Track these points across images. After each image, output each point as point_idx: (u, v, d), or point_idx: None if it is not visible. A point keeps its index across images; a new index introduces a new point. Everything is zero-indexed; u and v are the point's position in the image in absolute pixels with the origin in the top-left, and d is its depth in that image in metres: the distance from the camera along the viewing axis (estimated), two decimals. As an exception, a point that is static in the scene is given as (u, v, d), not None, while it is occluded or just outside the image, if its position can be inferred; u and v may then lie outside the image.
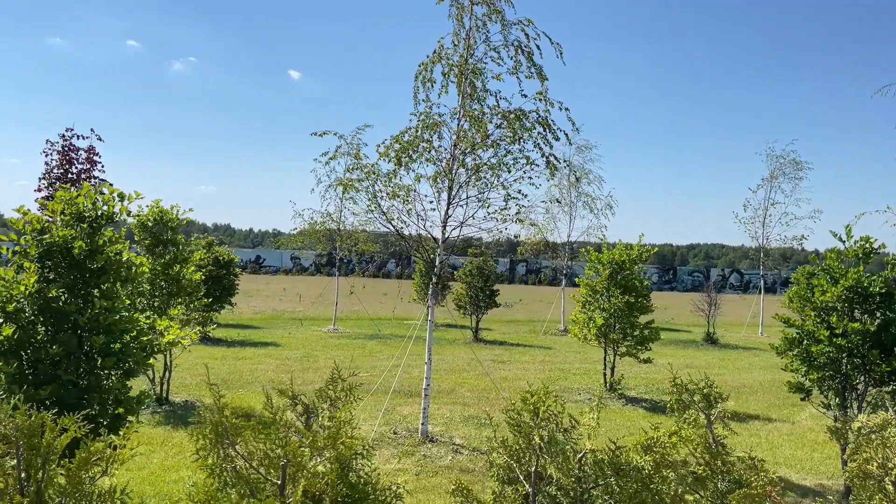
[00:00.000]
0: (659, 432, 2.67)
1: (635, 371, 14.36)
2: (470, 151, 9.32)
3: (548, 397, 2.77)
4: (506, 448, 2.93)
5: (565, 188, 24.48)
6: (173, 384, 11.41)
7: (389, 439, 8.97)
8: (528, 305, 35.26)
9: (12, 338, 5.13)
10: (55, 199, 5.79)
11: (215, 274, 18.09)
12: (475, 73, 9.28)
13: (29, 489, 2.50)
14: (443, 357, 16.11)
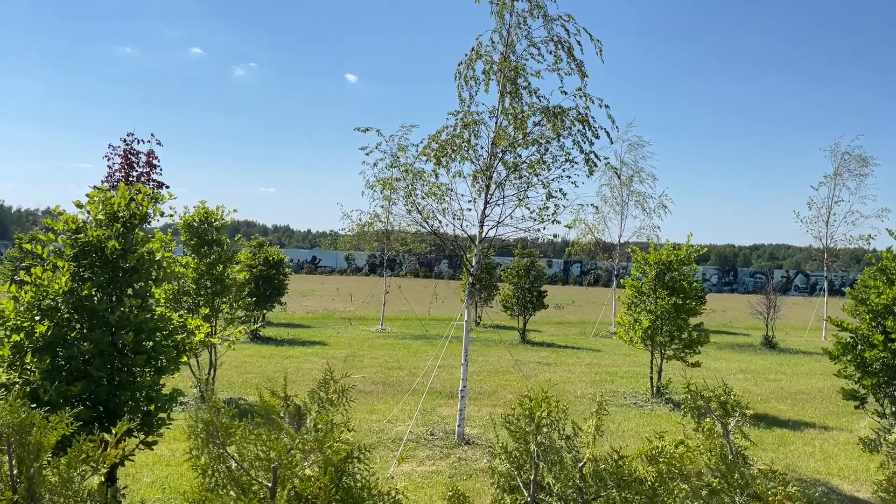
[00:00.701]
0: (664, 441, 2.49)
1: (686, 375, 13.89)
2: (508, 150, 9.18)
3: (547, 402, 2.63)
4: (507, 455, 2.80)
5: (616, 187, 23.96)
6: (219, 382, 11.64)
7: (426, 440, 8.90)
8: (580, 307, 34.71)
9: (47, 335, 5.26)
10: (90, 200, 5.94)
11: (265, 274, 18.42)
12: (516, 70, 9.13)
13: (20, 486, 2.52)
14: (487, 358, 15.97)
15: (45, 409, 5.13)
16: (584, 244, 23.94)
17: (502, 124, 9.19)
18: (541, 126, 8.86)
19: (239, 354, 14.76)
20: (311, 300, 31.89)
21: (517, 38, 9.20)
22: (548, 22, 8.94)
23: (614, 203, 23.88)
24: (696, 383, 2.89)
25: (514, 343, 19.22)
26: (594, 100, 8.60)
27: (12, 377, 5.33)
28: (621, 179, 23.94)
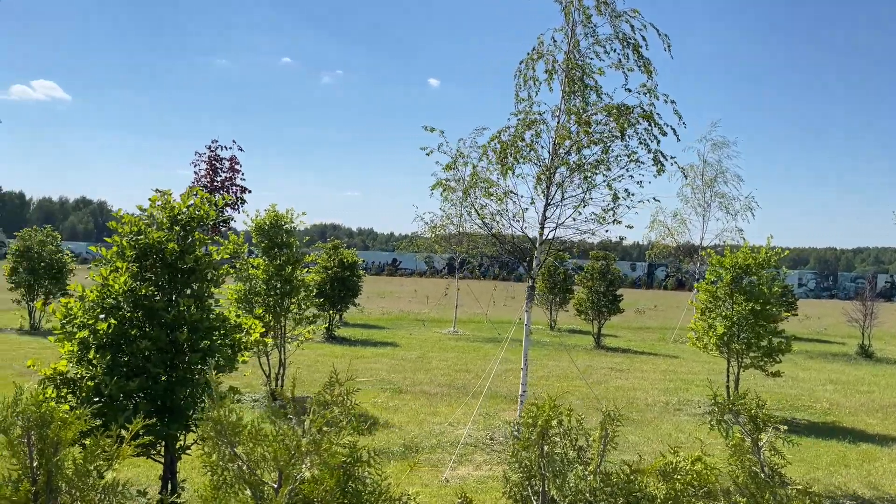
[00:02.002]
0: (678, 457, 2.31)
1: (767, 385, 13.15)
2: (571, 149, 8.97)
3: (555, 410, 2.50)
4: (520, 464, 2.68)
5: (698, 188, 23.03)
6: (288, 380, 11.94)
7: (485, 445, 8.80)
8: (662, 311, 33.60)
9: (108, 332, 5.53)
10: (151, 203, 6.20)
11: (340, 275, 18.80)
12: (580, 68, 8.92)
13: (39, 477, 2.62)
14: (558, 363, 15.68)
15: (106, 403, 5.41)
16: (664, 247, 23.13)
17: (565, 124, 8.99)
18: (604, 125, 8.61)
19: (312, 353, 15.12)
20: (388, 301, 32.34)
21: (582, 36, 8.99)
22: (614, 19, 8.69)
23: (696, 204, 22.96)
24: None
25: (588, 348, 18.80)
26: (659, 96, 8.28)
27: (80, 372, 5.64)
28: (704, 180, 23.01)
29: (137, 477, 6.97)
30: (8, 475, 2.59)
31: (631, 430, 9.84)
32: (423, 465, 7.93)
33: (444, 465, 7.91)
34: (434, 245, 21.41)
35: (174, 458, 5.93)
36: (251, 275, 10.81)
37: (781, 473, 2.61)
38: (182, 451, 5.86)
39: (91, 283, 5.94)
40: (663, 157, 8.49)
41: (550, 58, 9.02)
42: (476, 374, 13.52)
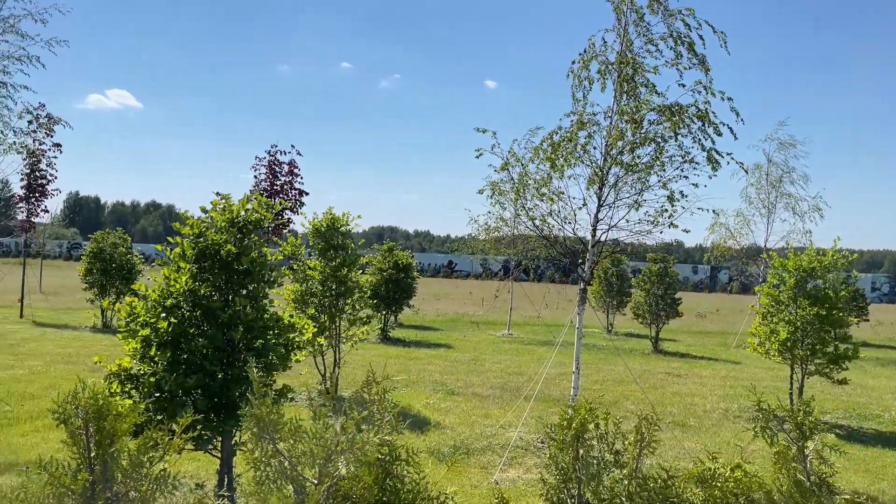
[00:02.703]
0: (717, 463, 2.26)
1: (834, 392, 12.62)
2: (624, 150, 8.84)
3: (592, 413, 2.48)
4: (556, 466, 2.68)
5: (763, 188, 22.28)
6: (344, 380, 12.16)
7: (535, 448, 8.75)
8: (724, 316, 32.65)
9: (169, 330, 5.76)
10: (213, 206, 6.42)
11: (395, 277, 19.00)
12: (633, 68, 8.80)
13: (96, 467, 2.77)
14: (613, 367, 15.44)
15: (166, 399, 5.64)
16: (725, 249, 22.46)
17: (617, 123, 8.88)
18: (657, 124, 8.46)
19: (366, 354, 15.33)
20: (443, 303, 32.48)
21: (635, 36, 8.87)
22: (667, 17, 8.54)
23: (760, 205, 22.21)
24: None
25: (645, 352, 18.43)
26: (715, 93, 8.07)
27: (142, 368, 5.90)
28: (769, 180, 22.25)
29: (197, 471, 7.22)
30: (67, 464, 2.74)
31: (688, 437, 9.61)
32: (474, 467, 7.95)
33: (494, 467, 7.91)
34: (487, 247, 21.38)
35: (230, 453, 6.13)
36: (308, 276, 11.06)
37: (829, 482, 2.52)
38: (237, 447, 6.05)
39: (154, 283, 6.21)
40: (718, 154, 8.28)
41: (603, 58, 8.93)
42: (529, 377, 13.44)
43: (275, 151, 22.67)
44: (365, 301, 11.51)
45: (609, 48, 8.89)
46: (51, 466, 2.77)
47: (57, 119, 20.22)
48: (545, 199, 8.86)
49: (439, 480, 7.23)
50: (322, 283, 11.06)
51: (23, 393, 10.55)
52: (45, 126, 19.65)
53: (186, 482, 6.57)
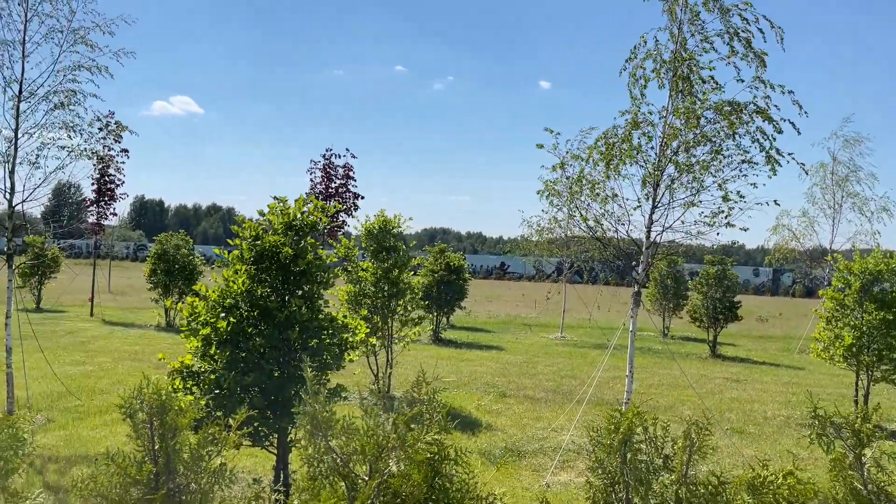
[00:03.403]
0: (768, 471, 2.22)
1: None
2: (679, 150, 8.69)
3: (639, 416, 2.47)
4: (603, 469, 2.67)
5: (827, 188, 21.47)
6: (396, 380, 12.29)
7: (588, 451, 8.66)
8: (787, 320, 31.57)
9: (227, 329, 5.96)
10: (270, 210, 6.61)
11: (446, 278, 19.09)
12: (688, 66, 8.65)
13: (160, 459, 2.90)
14: (669, 371, 15.14)
15: (224, 395, 5.83)
16: (788, 251, 21.73)
17: (673, 123, 8.73)
18: (714, 123, 8.28)
19: (419, 355, 15.46)
20: (496, 305, 32.43)
21: (689, 34, 8.71)
22: (723, 14, 8.35)
23: (825, 205, 21.41)
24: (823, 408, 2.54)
25: (703, 357, 18.00)
26: (775, 87, 7.84)
27: (203, 366, 6.12)
28: (833, 179, 21.43)
29: (254, 466, 7.44)
30: (133, 456, 2.89)
31: (747, 444, 9.37)
32: (525, 469, 7.94)
33: (545, 470, 7.88)
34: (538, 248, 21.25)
35: (286, 449, 6.30)
36: (361, 277, 11.24)
37: (888, 491, 2.45)
38: (292, 444, 6.21)
39: (214, 283, 6.43)
40: (779, 153, 8.04)
41: (657, 56, 8.80)
42: (582, 381, 13.32)
43: (330, 155, 23.13)
44: (417, 302, 11.62)
45: (663, 47, 8.76)
46: (118, 458, 2.92)
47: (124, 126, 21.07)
48: (599, 200, 8.78)
49: (489, 481, 7.25)
50: (375, 285, 11.21)
51: (93, 388, 11.06)
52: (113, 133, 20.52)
53: (244, 477, 6.78)
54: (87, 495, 2.78)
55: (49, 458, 7.45)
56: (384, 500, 2.76)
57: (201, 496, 2.86)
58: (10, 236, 8.59)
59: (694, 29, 8.51)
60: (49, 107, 8.36)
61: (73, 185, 24.98)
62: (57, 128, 8.50)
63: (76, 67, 8.29)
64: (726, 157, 8.14)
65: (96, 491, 2.82)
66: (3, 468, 3.18)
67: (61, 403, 9.96)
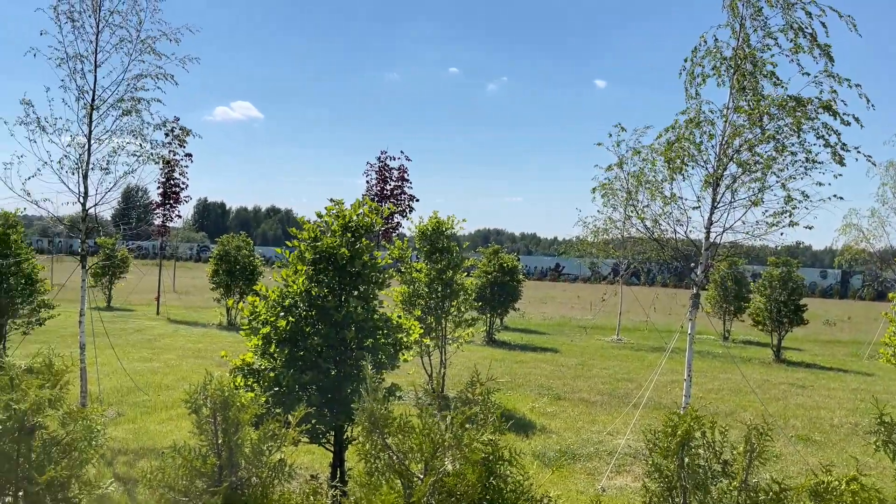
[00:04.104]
0: (831, 476, 2.15)
1: None
2: (741, 148, 8.46)
3: (698, 421, 2.43)
4: (660, 473, 2.64)
5: (900, 186, 20.46)
6: (450, 380, 12.34)
7: (645, 456, 8.51)
8: (856, 324, 30.26)
9: (287, 329, 6.11)
10: (327, 212, 6.75)
11: (500, 280, 19.05)
12: (752, 63, 8.42)
13: (223, 453, 3.01)
14: (730, 375, 14.72)
15: (283, 393, 5.98)
16: (857, 252, 20.82)
17: (734, 121, 8.51)
18: (777, 120, 8.03)
19: (472, 356, 15.48)
20: (550, 307, 32.16)
21: (751, 30, 8.48)
22: (786, 9, 8.10)
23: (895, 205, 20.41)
24: (890, 414, 2.45)
25: (766, 361, 17.43)
26: (841, 80, 7.55)
27: (263, 364, 6.29)
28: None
29: (312, 463, 7.60)
30: (198, 449, 3.00)
31: (812, 452, 9.04)
32: (580, 473, 7.86)
33: (600, 474, 7.79)
34: (594, 249, 20.96)
35: (342, 447, 6.41)
36: (414, 278, 11.33)
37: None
38: (349, 442, 6.32)
39: (274, 284, 6.60)
40: (845, 148, 7.74)
41: (717, 53, 8.59)
42: (638, 384, 13.09)
43: (385, 157, 23.41)
44: (470, 303, 11.65)
45: (725, 44, 8.55)
46: (184, 451, 3.05)
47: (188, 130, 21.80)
48: (656, 200, 8.63)
49: (543, 483, 7.22)
50: (428, 286, 11.29)
51: (159, 384, 11.50)
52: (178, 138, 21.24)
53: (302, 473, 6.93)
54: (156, 486, 2.91)
55: (118, 450, 7.79)
56: (439, 499, 2.79)
57: (262, 489, 2.96)
58: (84, 238, 9.01)
59: (756, 24, 8.29)
60: (118, 114, 8.74)
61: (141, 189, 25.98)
62: (125, 134, 8.88)
63: (143, 75, 8.64)
64: (791, 155, 7.89)
65: (164, 482, 2.95)
66: (78, 458, 3.35)
67: (130, 398, 10.39)
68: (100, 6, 8.48)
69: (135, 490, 6.45)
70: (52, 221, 9.19)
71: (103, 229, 10.63)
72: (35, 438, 3.24)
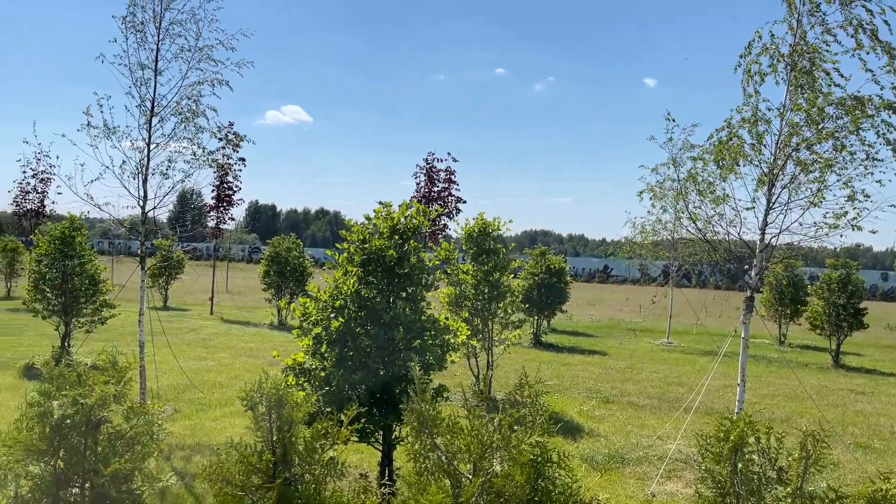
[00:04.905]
0: (889, 484, 2.10)
1: None
2: (799, 147, 8.24)
3: (751, 426, 2.39)
4: (713, 479, 2.61)
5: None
6: (497, 382, 12.34)
7: (696, 462, 8.36)
8: (923, 329, 28.96)
9: (337, 329, 6.22)
10: (376, 214, 6.84)
11: (547, 281, 18.93)
12: (810, 60, 8.19)
13: (278, 449, 3.10)
14: (786, 381, 14.31)
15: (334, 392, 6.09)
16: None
17: (792, 120, 8.29)
18: (836, 119, 7.78)
19: (519, 358, 15.44)
20: (598, 309, 31.78)
21: (808, 26, 8.25)
22: (844, 5, 7.86)
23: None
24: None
25: (824, 367, 16.87)
26: (905, 75, 7.27)
27: (314, 363, 6.42)
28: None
29: (361, 462, 7.70)
30: (254, 446, 3.10)
31: (872, 460, 8.72)
32: (629, 477, 7.77)
33: (650, 479, 7.68)
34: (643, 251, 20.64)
35: (391, 446, 6.49)
36: (461, 280, 11.37)
37: None
38: (397, 441, 6.39)
39: (325, 285, 6.73)
40: (910, 148, 7.46)
41: (774, 50, 8.39)
42: (689, 388, 12.84)
43: (432, 159, 23.54)
44: (517, 305, 11.62)
45: (782, 40, 8.34)
46: (241, 447, 3.15)
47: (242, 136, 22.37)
48: (710, 200, 8.45)
49: (592, 487, 7.16)
50: (475, 287, 11.31)
51: (213, 382, 11.83)
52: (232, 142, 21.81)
53: (351, 471, 7.04)
54: (214, 480, 3.01)
55: (175, 445, 8.05)
56: (488, 499, 2.82)
57: (315, 486, 3.03)
58: (143, 240, 9.34)
59: (814, 21, 8.07)
60: (176, 120, 9.04)
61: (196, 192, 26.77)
62: (182, 139, 9.17)
63: (200, 82, 8.92)
64: (850, 154, 7.65)
65: (221, 476, 3.05)
66: (140, 452, 3.49)
67: (186, 395, 10.71)
68: (162, 17, 8.80)
69: (192, 484, 6.67)
70: (113, 224, 9.55)
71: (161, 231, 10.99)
72: (101, 432, 3.40)
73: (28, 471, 3.31)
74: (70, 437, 3.33)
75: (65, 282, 12.03)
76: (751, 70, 8.46)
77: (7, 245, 27.19)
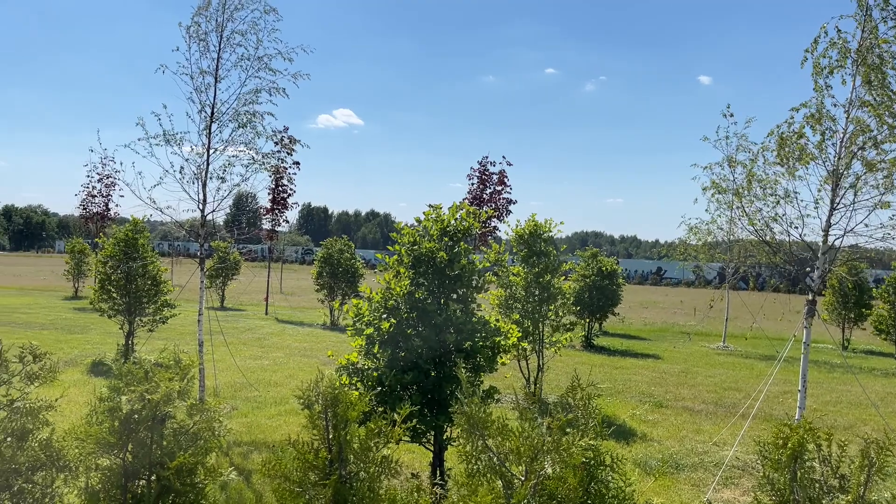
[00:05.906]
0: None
1: None
2: (866, 146, 7.95)
3: (812, 433, 2.34)
4: (772, 486, 2.56)
5: None
6: (548, 385, 12.27)
7: (753, 468, 8.15)
8: None
9: (390, 330, 6.30)
10: (426, 217, 6.91)
11: (598, 283, 18.71)
12: (880, 56, 7.91)
13: (333, 447, 3.17)
14: (849, 387, 13.78)
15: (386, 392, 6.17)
16: None
17: (859, 117, 8.00)
18: (905, 117, 7.47)
19: (570, 360, 15.31)
20: (651, 312, 31.21)
21: (879, 21, 7.96)
22: (917, -1, 7.56)
23: None
24: None
25: (890, 372, 16.18)
26: None
27: (366, 363, 6.52)
28: None
29: (412, 462, 7.78)
30: (310, 443, 3.18)
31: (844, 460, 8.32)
32: (684, 483, 7.62)
33: (706, 486, 7.52)
34: (698, 253, 20.17)
35: (442, 447, 6.54)
36: (511, 281, 11.35)
37: None
38: (448, 442, 6.43)
39: (377, 286, 6.83)
40: None
41: (842, 45, 8.11)
42: (747, 394, 12.50)
43: (485, 162, 23.59)
44: (568, 307, 11.52)
45: (851, 35, 8.07)
46: (297, 444, 3.23)
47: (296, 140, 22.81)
48: (770, 201, 8.22)
49: (645, 492, 7.05)
50: (525, 289, 11.27)
51: (269, 381, 12.11)
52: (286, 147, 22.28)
53: (403, 471, 7.12)
54: (273, 475, 3.11)
55: (233, 442, 8.29)
56: (540, 501, 2.82)
57: (369, 484, 3.09)
58: (202, 242, 9.65)
59: (886, 15, 7.79)
60: (234, 126, 9.31)
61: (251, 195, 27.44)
62: (240, 144, 9.44)
63: (258, 90, 9.16)
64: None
65: (280, 472, 3.14)
66: (203, 447, 3.61)
67: (243, 393, 11.00)
68: (224, 27, 9.08)
69: (251, 479, 6.85)
70: (174, 227, 9.89)
71: (218, 234, 11.33)
72: (166, 427, 3.54)
73: (98, 463, 3.47)
74: (138, 431, 3.48)
75: (129, 282, 12.51)
76: (821, 64, 8.20)
77: (74, 247, 28.43)
